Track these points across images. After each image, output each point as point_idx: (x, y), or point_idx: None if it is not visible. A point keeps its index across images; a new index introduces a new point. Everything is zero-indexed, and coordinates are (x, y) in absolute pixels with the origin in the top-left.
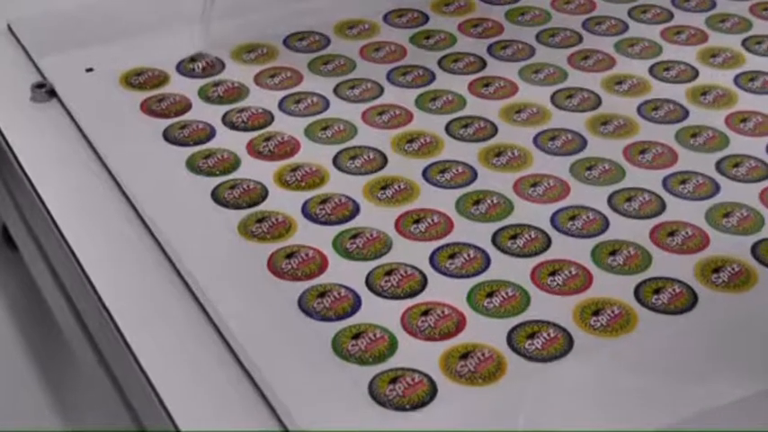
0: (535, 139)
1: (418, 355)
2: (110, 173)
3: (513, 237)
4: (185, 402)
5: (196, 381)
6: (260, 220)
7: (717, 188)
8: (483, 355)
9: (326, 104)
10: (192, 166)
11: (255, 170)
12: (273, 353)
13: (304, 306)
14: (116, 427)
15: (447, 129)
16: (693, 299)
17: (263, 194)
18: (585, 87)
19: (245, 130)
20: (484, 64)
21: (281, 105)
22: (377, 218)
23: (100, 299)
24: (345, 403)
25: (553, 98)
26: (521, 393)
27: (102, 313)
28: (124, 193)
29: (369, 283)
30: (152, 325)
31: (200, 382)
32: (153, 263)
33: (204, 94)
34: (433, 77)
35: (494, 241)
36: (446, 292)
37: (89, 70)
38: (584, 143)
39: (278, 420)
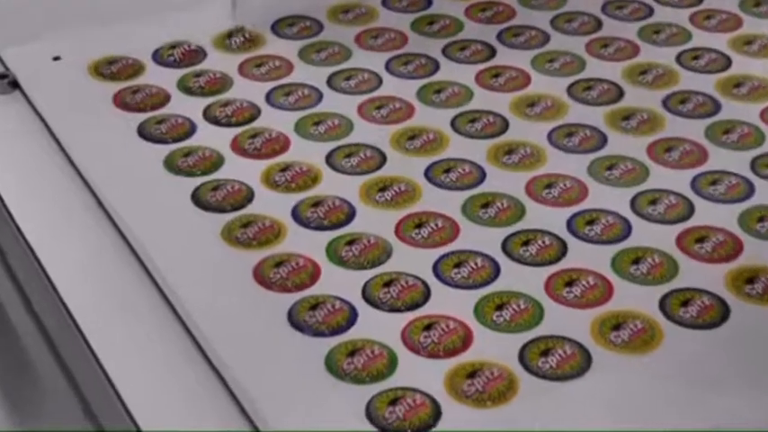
0: (550, 136)
1: (421, 373)
2: (78, 172)
3: (526, 243)
4: (150, 403)
5: (172, 395)
6: (246, 225)
7: (751, 189)
8: (492, 373)
9: (319, 97)
10: (171, 165)
11: (240, 170)
12: (261, 372)
13: (294, 320)
14: (71, 427)
15: (452, 124)
16: (725, 312)
17: (249, 196)
18: (606, 78)
19: (229, 125)
20: (493, 52)
21: (268, 98)
22: (375, 222)
23: (66, 309)
24: (341, 426)
25: (570, 90)
26: (533, 416)
27: (63, 314)
28: (95, 195)
29: (366, 295)
30: (126, 345)
31: (179, 400)
32: (128, 273)
33: (184, 86)
34: (436, 67)
35: (504, 248)
36: (451, 304)
37: (56, 59)
38: (603, 140)
39: None
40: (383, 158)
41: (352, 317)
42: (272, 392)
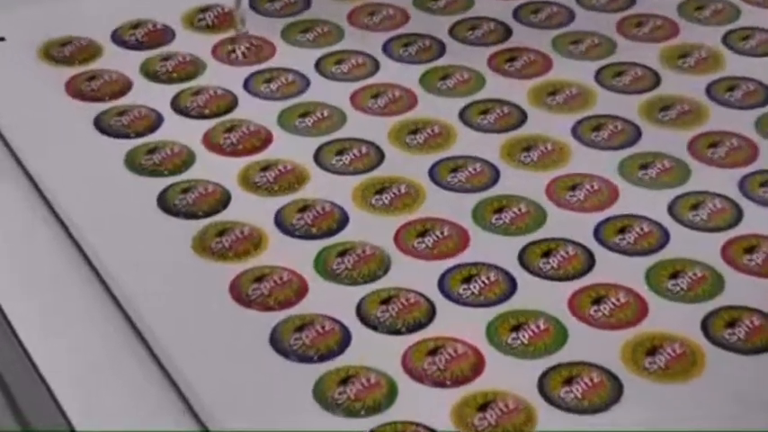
0: (574, 129)
1: (424, 404)
2: (27, 173)
3: (546, 254)
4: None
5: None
6: (221, 234)
7: None
8: (507, 405)
9: (306, 84)
10: (134, 163)
11: (215, 169)
12: (241, 403)
13: (278, 343)
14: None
15: (461, 116)
16: None
17: (225, 200)
18: (639, 62)
19: (202, 117)
20: (508, 32)
21: (247, 85)
22: (371, 230)
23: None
24: None
25: (598, 76)
26: None
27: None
28: (45, 199)
29: (361, 314)
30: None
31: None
32: (84, 288)
33: (148, 71)
34: (442, 50)
35: (521, 260)
36: (460, 324)
37: (0, 40)
38: (637, 134)
39: None
40: (380, 156)
41: (345, 339)
42: (256, 426)
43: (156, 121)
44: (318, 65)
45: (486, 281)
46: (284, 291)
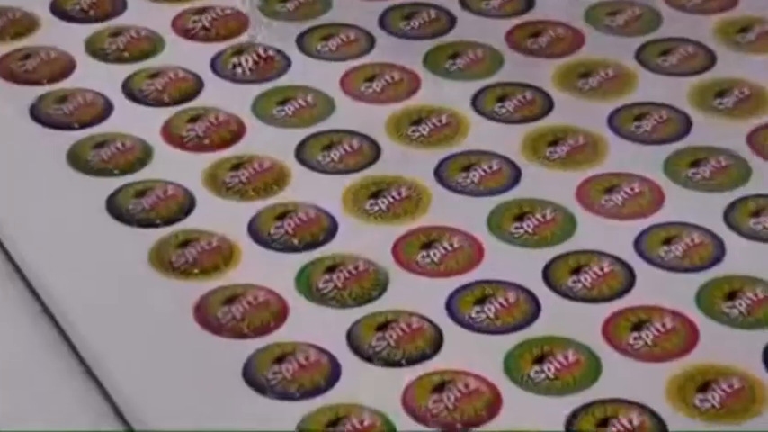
0: (610, 119)
1: None
2: None
3: (576, 270)
4: None
5: None
6: (183, 245)
7: None
8: None
9: (286, 64)
10: (78, 160)
11: (176, 167)
12: None
13: (253, 377)
14: None
15: (474, 102)
16: None
17: (188, 205)
18: (689, 38)
19: (160, 104)
20: (531, 2)
21: (214, 65)
22: (364, 241)
23: None
24: None
25: (639, 55)
26: None
27: None
28: None
29: (352, 342)
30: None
31: None
32: (18, 311)
33: (95, 49)
34: (452, 22)
35: (545, 277)
36: (471, 354)
37: None
38: (687, 125)
39: None
40: (376, 151)
41: (334, 372)
42: None
43: (105, 110)
44: (300, 41)
45: (504, 302)
46: (260, 314)
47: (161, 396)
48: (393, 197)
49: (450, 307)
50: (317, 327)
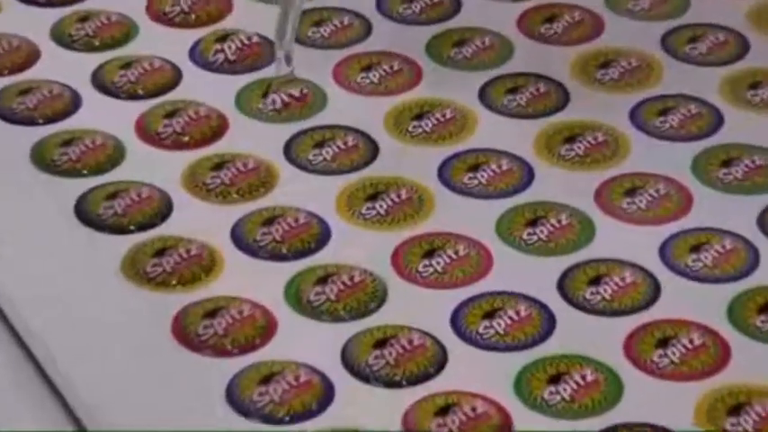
0: (633, 113)
1: None
2: None
3: (595, 281)
4: None
5: None
6: (160, 253)
7: None
8: None
9: (272, 52)
10: (43, 159)
11: (152, 167)
12: None
13: (237, 399)
14: None
15: (481, 95)
16: None
17: (166, 209)
18: (721, 23)
19: (133, 97)
20: None
21: (192, 54)
22: (360, 248)
23: None
24: None
25: (664, 41)
26: None
27: None
28: None
29: (347, 360)
30: None
31: None
32: None
33: (61, 36)
34: (457, 6)
35: (560, 289)
36: (479, 374)
37: None
38: (718, 120)
39: None
40: (373, 149)
41: (327, 394)
42: None
43: (73, 104)
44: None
45: (515, 316)
46: (245, 329)
47: (136, 421)
48: (392, 200)
49: (456, 322)
50: (307, 344)
